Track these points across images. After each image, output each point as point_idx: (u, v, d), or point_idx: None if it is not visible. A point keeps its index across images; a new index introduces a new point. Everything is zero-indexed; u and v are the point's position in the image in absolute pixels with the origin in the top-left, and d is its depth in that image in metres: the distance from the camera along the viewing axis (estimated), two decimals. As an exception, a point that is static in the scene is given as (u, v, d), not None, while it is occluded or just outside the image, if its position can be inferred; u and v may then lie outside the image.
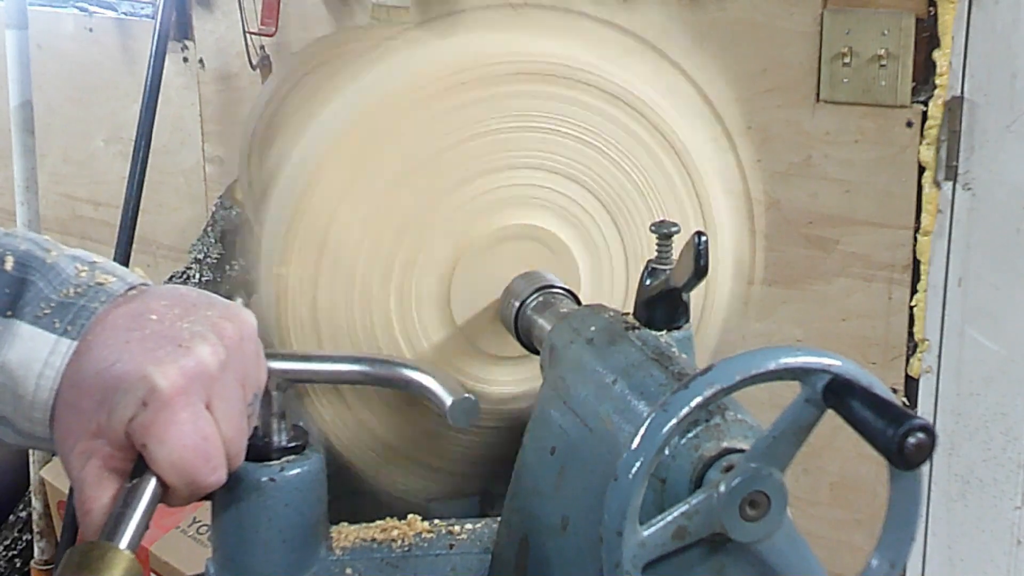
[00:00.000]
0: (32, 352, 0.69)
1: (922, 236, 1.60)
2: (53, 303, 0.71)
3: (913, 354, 1.63)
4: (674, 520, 0.66)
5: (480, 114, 0.94)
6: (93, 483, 0.67)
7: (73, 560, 0.63)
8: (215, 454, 0.69)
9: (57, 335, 0.70)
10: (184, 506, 0.71)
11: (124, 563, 0.64)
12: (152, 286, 0.74)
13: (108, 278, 0.73)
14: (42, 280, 0.72)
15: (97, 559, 0.63)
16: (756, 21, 1.66)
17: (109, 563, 0.63)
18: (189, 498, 0.70)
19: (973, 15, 1.52)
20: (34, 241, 0.74)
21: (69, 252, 0.75)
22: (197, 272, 2.31)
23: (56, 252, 0.74)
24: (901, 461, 0.58)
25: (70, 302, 0.71)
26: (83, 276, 0.72)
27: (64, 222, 2.81)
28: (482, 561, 0.88)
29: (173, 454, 0.66)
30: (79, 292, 0.71)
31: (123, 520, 0.66)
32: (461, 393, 0.87)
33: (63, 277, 0.72)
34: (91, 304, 0.71)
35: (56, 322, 0.70)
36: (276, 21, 2.13)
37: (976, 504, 1.64)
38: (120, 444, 0.67)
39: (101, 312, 0.70)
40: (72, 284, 0.72)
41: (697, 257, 0.76)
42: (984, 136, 1.54)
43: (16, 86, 2.37)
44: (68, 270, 0.73)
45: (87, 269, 0.73)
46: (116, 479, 0.67)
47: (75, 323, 0.70)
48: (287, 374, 0.85)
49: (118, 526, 0.66)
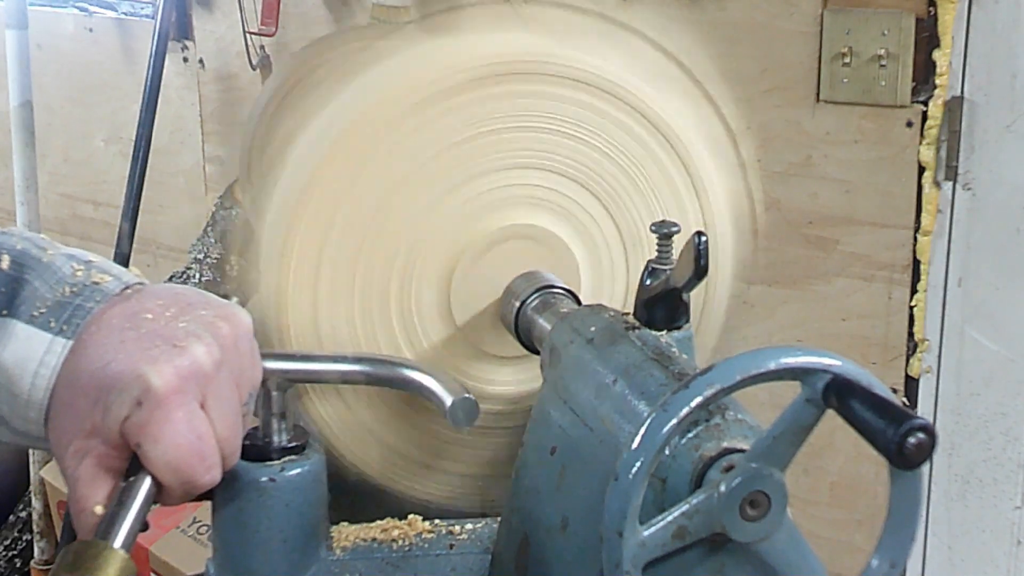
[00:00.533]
0: (28, 351, 0.69)
1: (922, 236, 1.60)
2: (49, 302, 0.71)
3: (913, 354, 1.63)
4: (674, 520, 0.66)
5: (480, 114, 0.94)
6: (88, 482, 0.67)
7: (67, 559, 0.63)
8: (210, 453, 0.69)
9: (52, 334, 0.70)
10: (179, 505, 0.71)
11: (118, 562, 0.64)
12: (148, 285, 0.74)
13: (104, 277, 0.73)
14: (38, 279, 0.72)
15: (91, 558, 0.63)
16: (756, 21, 1.65)
17: (103, 562, 0.63)
18: (184, 497, 0.70)
19: (973, 15, 1.52)
20: (30, 240, 0.75)
21: (65, 251, 0.75)
22: (197, 272, 2.31)
23: (52, 251, 0.74)
24: (901, 461, 0.58)
25: (66, 301, 0.71)
26: (79, 275, 0.73)
27: (64, 222, 2.81)
28: (482, 561, 0.88)
29: (168, 453, 0.67)
30: (75, 291, 0.71)
31: (117, 519, 0.66)
32: (461, 393, 0.87)
33: (59, 276, 0.72)
34: (87, 303, 0.71)
35: (52, 321, 0.70)
36: (276, 21, 2.13)
37: (976, 504, 1.64)
38: (115, 443, 0.67)
39: (97, 311, 0.70)
40: (68, 283, 0.72)
41: (697, 257, 0.76)
42: (984, 136, 1.54)
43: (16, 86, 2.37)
44: (64, 269, 0.73)
45: (83, 268, 0.73)
46: (111, 478, 0.68)
47: (71, 322, 0.70)
48: (287, 374, 0.85)
49: (112, 525, 0.66)
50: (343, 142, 0.94)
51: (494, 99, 0.95)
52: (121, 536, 0.65)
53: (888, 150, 1.60)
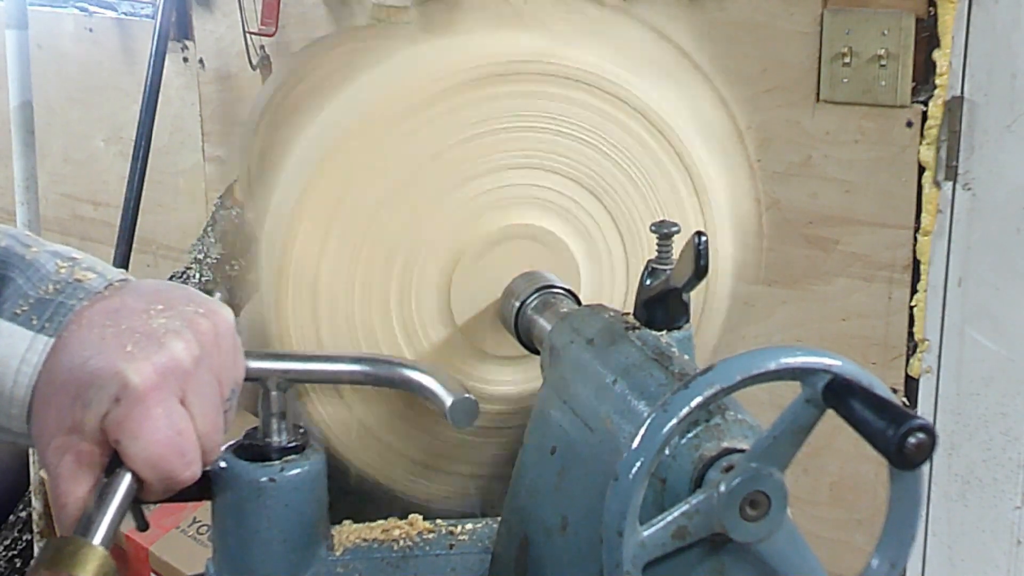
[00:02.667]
0: (9, 349, 0.70)
1: (922, 236, 1.60)
2: (32, 300, 0.71)
3: (913, 354, 1.63)
4: (674, 520, 0.66)
5: (480, 114, 0.94)
6: (68, 478, 0.68)
7: (46, 555, 0.64)
8: (189, 449, 0.69)
9: (34, 332, 0.70)
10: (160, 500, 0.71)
11: (97, 559, 0.64)
12: (132, 281, 0.74)
13: (87, 275, 0.73)
14: (21, 277, 0.72)
15: (70, 555, 0.64)
16: (756, 21, 1.65)
17: (82, 559, 0.64)
18: (164, 493, 0.70)
19: (973, 15, 1.52)
20: (14, 237, 0.75)
21: (50, 248, 0.75)
22: (197, 272, 2.31)
23: (37, 248, 0.75)
24: (901, 461, 0.58)
25: (48, 299, 0.71)
26: (63, 273, 0.73)
27: (64, 222, 2.81)
28: (482, 561, 0.88)
29: (147, 449, 0.67)
30: (58, 289, 0.72)
31: (97, 516, 0.66)
32: (461, 393, 0.87)
33: (42, 274, 0.73)
34: (69, 301, 0.71)
35: (34, 319, 0.71)
36: (276, 21, 2.13)
37: (976, 504, 1.64)
38: (95, 440, 0.67)
39: (79, 309, 0.71)
40: (51, 281, 0.72)
41: (697, 257, 0.76)
42: (984, 136, 1.54)
43: (16, 86, 2.37)
44: (48, 267, 0.73)
45: (67, 266, 0.74)
46: (91, 474, 0.68)
47: (52, 320, 0.71)
48: (287, 374, 0.85)
49: (92, 522, 0.66)
50: (343, 142, 0.94)
51: (494, 99, 0.95)
52: (100, 533, 0.66)
53: (888, 150, 1.60)
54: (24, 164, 2.38)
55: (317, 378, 0.90)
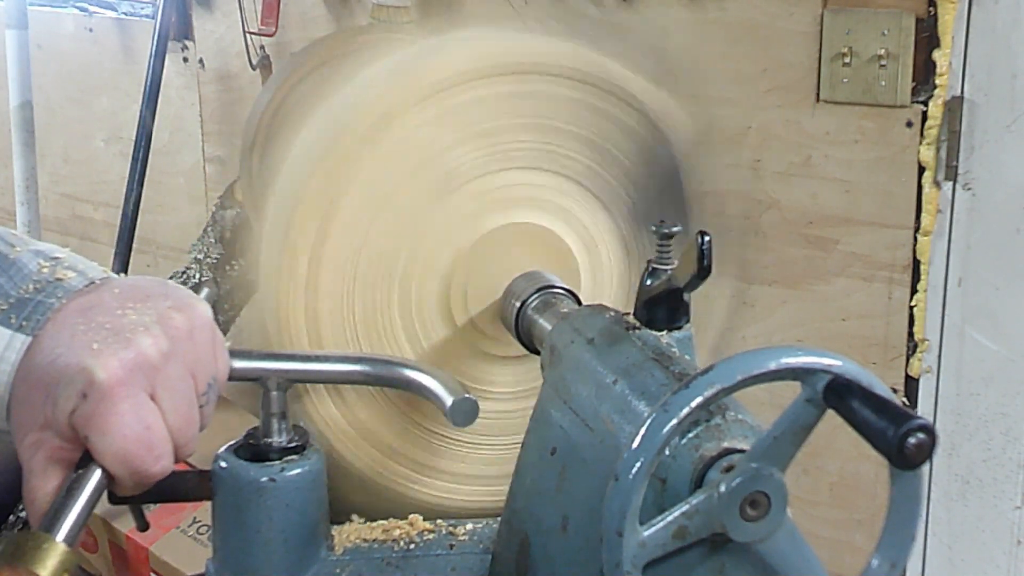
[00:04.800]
0: None
1: (922, 236, 1.60)
2: (12, 299, 0.72)
3: (913, 354, 1.63)
4: (674, 520, 0.66)
5: (480, 114, 0.94)
6: (39, 474, 0.69)
7: (8, 550, 0.64)
8: (158, 443, 0.69)
9: (12, 331, 0.71)
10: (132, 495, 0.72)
11: (57, 555, 0.64)
12: (113, 279, 0.75)
13: (67, 274, 0.74)
14: (3, 276, 0.73)
15: (32, 550, 0.64)
16: (756, 21, 1.66)
17: (43, 554, 0.63)
18: (135, 488, 0.71)
19: (973, 15, 1.52)
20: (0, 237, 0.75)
21: (34, 247, 0.76)
22: (197, 272, 2.31)
23: (21, 248, 0.75)
24: (901, 461, 0.58)
25: (28, 298, 0.72)
26: (44, 272, 0.74)
27: (64, 222, 2.81)
28: (482, 561, 0.88)
29: (115, 444, 0.67)
30: (38, 288, 0.73)
31: (63, 511, 0.66)
32: (462, 393, 0.87)
33: (24, 273, 0.73)
34: (48, 300, 0.72)
35: (12, 318, 0.71)
36: (276, 21, 2.13)
37: (976, 504, 1.64)
38: (66, 436, 0.68)
39: (57, 307, 0.71)
40: (32, 280, 0.73)
41: (700, 257, 0.76)
42: (984, 136, 1.54)
43: (16, 86, 2.38)
44: (30, 266, 0.74)
45: (49, 265, 0.74)
46: (61, 470, 0.69)
47: (31, 319, 0.71)
48: (287, 374, 0.85)
49: (56, 517, 0.66)
50: (343, 142, 0.94)
51: (494, 99, 0.95)
52: (64, 529, 0.66)
53: (888, 150, 1.60)
54: (24, 164, 2.38)
55: (317, 378, 0.90)
